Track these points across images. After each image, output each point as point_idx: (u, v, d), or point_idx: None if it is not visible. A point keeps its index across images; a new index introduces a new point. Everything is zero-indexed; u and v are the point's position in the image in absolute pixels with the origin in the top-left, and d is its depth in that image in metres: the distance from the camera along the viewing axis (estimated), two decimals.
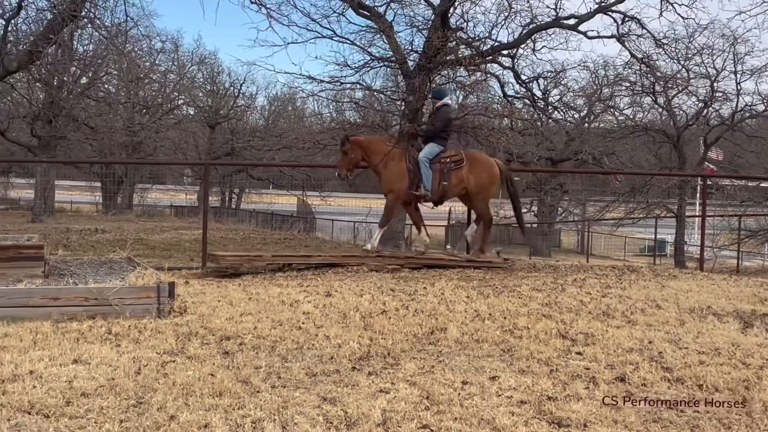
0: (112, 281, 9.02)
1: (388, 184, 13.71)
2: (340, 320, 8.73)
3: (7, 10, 15.64)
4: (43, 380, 6.07)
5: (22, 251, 9.38)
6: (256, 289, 10.77)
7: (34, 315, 8.20)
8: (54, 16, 14.95)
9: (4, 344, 7.16)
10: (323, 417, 5.39)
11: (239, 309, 9.18)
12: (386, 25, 25.90)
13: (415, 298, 10.28)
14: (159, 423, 5.18)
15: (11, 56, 14.93)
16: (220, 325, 8.25)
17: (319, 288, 10.98)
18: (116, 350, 7.09)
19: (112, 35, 17.81)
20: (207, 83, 51.01)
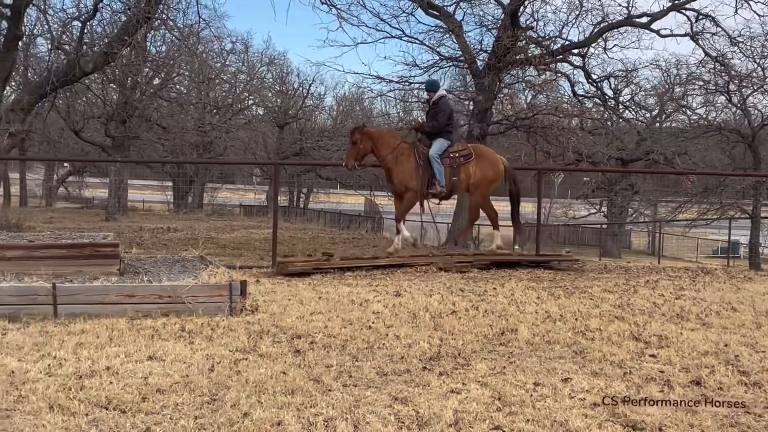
0: (185, 279, 9.14)
1: (403, 180, 13.47)
2: (410, 320, 8.73)
3: (83, 13, 15.96)
4: (119, 376, 6.18)
5: (99, 249, 9.55)
6: (326, 288, 10.82)
7: (110, 312, 8.35)
8: (128, 18, 15.21)
9: (82, 340, 7.31)
10: (395, 416, 5.40)
11: (309, 308, 9.24)
12: (455, 25, 25.85)
13: (485, 298, 10.24)
14: (233, 420, 5.23)
15: (87, 58, 15.21)
16: (291, 323, 8.32)
17: (388, 287, 10.99)
18: (190, 347, 7.18)
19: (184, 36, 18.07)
20: (276, 83, 51.38)
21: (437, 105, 13.71)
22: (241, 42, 46.57)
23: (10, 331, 7.67)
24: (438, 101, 13.76)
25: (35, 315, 8.20)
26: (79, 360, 6.62)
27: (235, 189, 58.60)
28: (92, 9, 15.55)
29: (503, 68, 25.62)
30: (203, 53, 26.78)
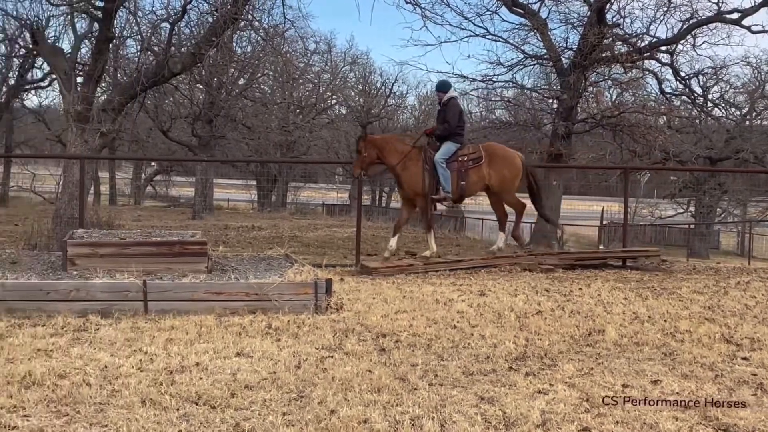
0: (271, 277, 9.25)
1: (413, 187, 13.12)
2: (495, 320, 8.70)
3: (172, 15, 16.24)
4: (208, 372, 6.28)
5: (187, 247, 9.72)
6: (410, 287, 10.84)
7: (198, 309, 8.50)
8: (216, 19, 15.44)
9: (172, 336, 7.45)
10: (481, 416, 5.38)
11: (394, 306, 9.27)
12: (540, 23, 25.65)
13: (571, 298, 10.15)
14: (320, 417, 5.28)
15: (175, 59, 15.48)
16: (376, 322, 8.36)
17: (472, 287, 10.96)
18: (276, 345, 7.27)
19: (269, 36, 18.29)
20: (359, 83, 51.64)
21: (446, 107, 13.24)
22: (324, 42, 46.89)
23: (102, 326, 7.86)
24: (447, 102, 13.29)
25: (126, 311, 8.39)
26: (170, 356, 6.75)
27: (318, 188, 59.02)
28: (181, 11, 15.81)
29: (589, 66, 25.33)
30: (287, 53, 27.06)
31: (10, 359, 6.51)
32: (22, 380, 5.91)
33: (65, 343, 7.12)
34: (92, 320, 8.04)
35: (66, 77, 15.86)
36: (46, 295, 8.42)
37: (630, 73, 26.98)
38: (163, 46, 16.27)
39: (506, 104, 32.22)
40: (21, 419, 5.12)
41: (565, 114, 25.73)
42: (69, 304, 8.36)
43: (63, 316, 8.09)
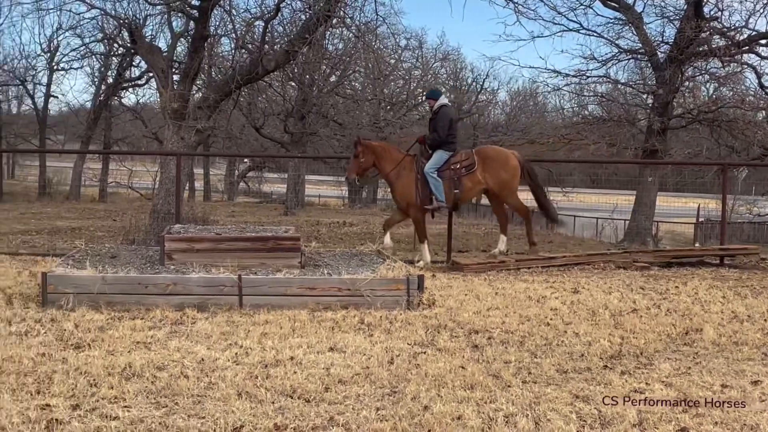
0: (363, 273, 9.30)
1: (406, 196, 12.92)
2: (589, 317, 8.61)
3: (266, 13, 16.41)
4: (302, 366, 6.35)
5: (281, 242, 9.83)
6: (502, 284, 10.79)
7: (292, 303, 8.61)
8: (309, 16, 15.57)
9: (266, 330, 7.56)
10: (576, 414, 5.34)
11: (486, 303, 9.24)
12: (635, 17, 25.20)
13: (667, 297, 9.98)
14: (413, 412, 5.29)
15: (269, 56, 15.65)
16: (468, 318, 8.34)
17: (565, 284, 10.87)
18: (369, 340, 7.31)
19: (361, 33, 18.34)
20: (450, 79, 51.48)
21: (437, 114, 12.92)
22: (415, 38, 46.83)
23: (198, 320, 8.01)
24: (438, 110, 12.95)
25: (222, 305, 8.55)
26: (264, 350, 6.85)
27: None
28: (274, 9, 15.96)
29: (685, 60, 24.78)
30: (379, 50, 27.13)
31: (111, 351, 6.68)
32: (123, 372, 6.07)
33: (163, 336, 7.28)
34: (189, 314, 8.22)
35: (163, 75, 16.18)
36: (145, 288, 8.63)
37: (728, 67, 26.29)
38: (257, 44, 16.45)
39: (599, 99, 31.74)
40: (122, 410, 5.25)
41: (661, 109, 25.21)
42: (166, 298, 8.56)
43: (161, 310, 8.28)
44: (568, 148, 29.49)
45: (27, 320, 7.84)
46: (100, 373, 6.00)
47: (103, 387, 5.68)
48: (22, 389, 5.62)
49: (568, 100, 36.67)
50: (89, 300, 8.48)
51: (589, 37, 26.95)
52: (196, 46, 16.38)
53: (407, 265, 10.04)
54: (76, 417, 5.11)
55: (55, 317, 7.95)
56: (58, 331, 7.35)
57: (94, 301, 8.47)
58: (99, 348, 6.77)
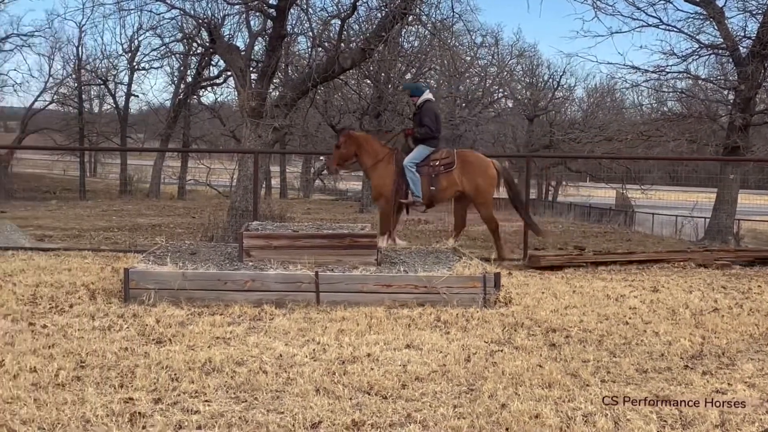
0: (439, 270, 9.28)
1: (380, 187, 12.65)
2: (669, 317, 8.48)
3: (342, 11, 16.50)
4: (379, 363, 6.38)
5: (357, 240, 9.86)
6: (580, 282, 10.70)
7: (368, 300, 8.65)
8: (385, 14, 15.60)
9: (343, 327, 7.60)
10: (656, 415, 5.27)
11: (563, 302, 9.17)
12: (716, 11, 24.72)
13: (749, 296, 9.79)
14: (490, 410, 5.28)
15: (345, 54, 15.72)
16: (545, 316, 8.29)
17: (644, 283, 10.73)
18: (446, 337, 7.31)
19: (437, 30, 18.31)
20: (526, 76, 51.15)
21: (422, 110, 12.62)
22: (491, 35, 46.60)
23: (276, 316, 8.10)
24: (422, 106, 12.65)
25: (299, 301, 8.62)
26: (341, 346, 6.89)
27: None
28: (351, 7, 16.04)
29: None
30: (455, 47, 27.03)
31: (191, 346, 6.79)
32: (203, 366, 6.17)
33: (242, 332, 7.37)
34: (267, 310, 8.31)
35: (241, 74, 16.36)
36: (224, 285, 8.75)
37: None
38: (334, 42, 16.55)
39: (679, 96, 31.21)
40: (203, 404, 5.33)
41: (743, 105, 24.71)
42: (245, 294, 8.67)
43: (239, 306, 8.39)
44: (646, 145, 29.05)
45: (110, 315, 8.01)
46: (181, 367, 6.10)
47: (184, 381, 5.78)
48: (105, 383, 5.74)
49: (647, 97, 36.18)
50: (170, 296, 8.63)
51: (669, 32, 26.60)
52: (273, 45, 16.54)
53: (483, 263, 9.99)
54: (158, 410, 5.21)
55: (137, 312, 8.11)
56: (140, 326, 7.50)
57: (174, 296, 8.62)
58: (180, 343, 6.89)
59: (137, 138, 56.73)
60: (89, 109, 52.58)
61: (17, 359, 6.23)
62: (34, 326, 7.47)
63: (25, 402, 5.28)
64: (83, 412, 5.10)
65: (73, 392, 5.52)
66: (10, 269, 10.70)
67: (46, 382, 5.72)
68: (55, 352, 6.48)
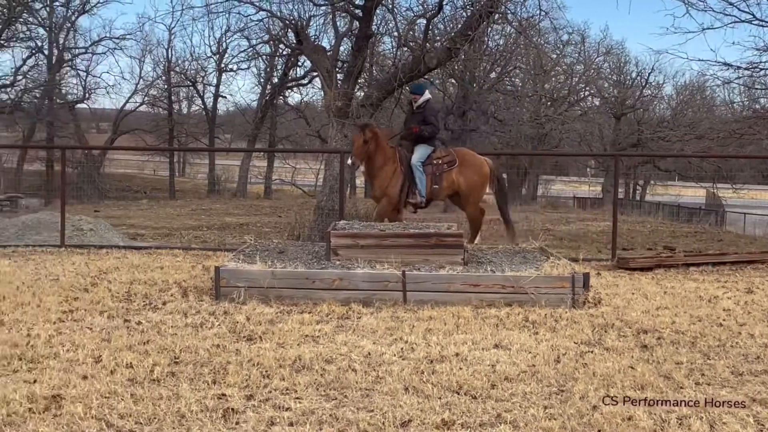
0: (527, 270, 9.21)
1: (383, 187, 12.17)
2: (765, 318, 8.30)
3: (428, 10, 16.53)
4: (467, 363, 6.36)
5: (443, 239, 9.84)
6: (671, 283, 10.52)
7: (455, 300, 8.63)
8: (471, 13, 15.57)
9: (430, 326, 7.60)
10: (753, 418, 5.15)
11: (654, 302, 9.02)
12: None
13: None
14: (582, 412, 5.22)
15: (431, 54, 15.74)
16: (636, 317, 8.16)
17: (738, 284, 10.51)
18: (534, 338, 7.25)
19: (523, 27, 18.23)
20: (613, 74, 50.45)
21: (424, 109, 12.30)
22: (577, 33, 46.08)
23: (364, 315, 8.13)
24: (424, 105, 12.34)
25: (386, 300, 8.65)
26: (429, 345, 6.89)
27: (569, 181, 58.25)
28: (437, 6, 16.06)
29: None
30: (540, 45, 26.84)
31: (281, 344, 6.86)
32: (293, 364, 6.23)
33: (330, 330, 7.42)
34: (354, 308, 8.35)
35: (327, 74, 16.51)
36: (312, 283, 8.82)
37: None
38: (419, 41, 16.57)
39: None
40: (293, 401, 5.39)
41: None
42: (333, 293, 8.73)
43: (327, 304, 8.44)
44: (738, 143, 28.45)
45: (201, 312, 8.15)
46: (271, 364, 6.17)
47: (275, 378, 5.85)
48: (199, 379, 5.84)
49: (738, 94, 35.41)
50: (259, 294, 8.74)
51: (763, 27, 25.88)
52: (359, 45, 16.64)
53: (571, 263, 9.88)
54: (251, 407, 5.28)
55: (228, 310, 8.23)
56: (231, 324, 7.61)
57: (263, 294, 8.72)
58: (270, 340, 6.97)
59: (224, 138, 57.56)
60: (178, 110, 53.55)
61: (114, 355, 6.37)
62: (130, 323, 7.65)
63: (122, 397, 5.40)
64: (178, 407, 5.20)
65: (168, 387, 5.63)
66: (105, 267, 10.97)
67: (141, 377, 5.85)
68: (150, 348, 6.61)
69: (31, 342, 6.80)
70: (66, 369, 6.02)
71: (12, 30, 40.22)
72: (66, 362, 6.20)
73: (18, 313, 7.98)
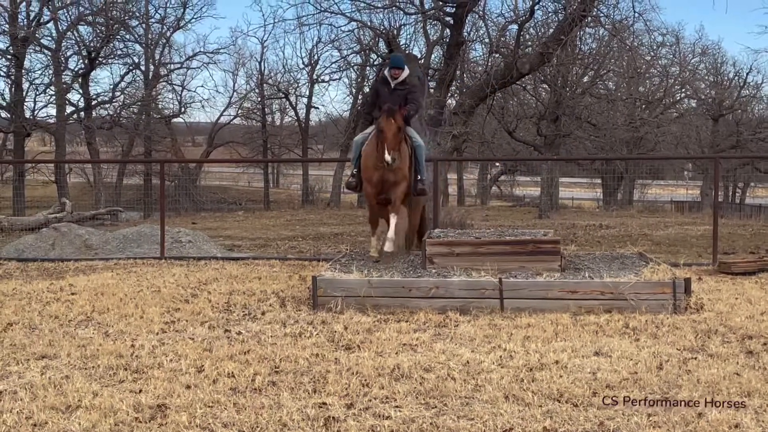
0: (626, 276, 9.09)
1: (402, 170, 10.64)
2: None
3: (520, 16, 16.47)
4: (567, 370, 6.31)
5: (540, 246, 9.77)
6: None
7: (552, 307, 8.57)
8: (563, 17, 15.45)
9: (528, 334, 7.56)
10: None
11: (759, 307, 8.82)
12: None
13: None
14: (687, 420, 5.14)
15: (523, 59, 15.67)
16: (740, 323, 7.99)
17: None
18: (635, 344, 7.16)
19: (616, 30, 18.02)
20: (710, 74, 49.40)
21: (408, 85, 11.15)
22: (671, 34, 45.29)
23: (461, 323, 8.13)
24: (407, 81, 11.16)
25: (483, 308, 8.63)
26: (528, 353, 6.85)
27: (666, 185, 57.21)
28: (529, 11, 16.00)
29: None
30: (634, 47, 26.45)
31: (379, 352, 6.91)
32: (392, 372, 6.26)
33: (428, 339, 7.44)
34: (451, 317, 8.36)
35: (419, 83, 16.55)
36: (408, 292, 8.86)
37: None
38: (511, 47, 16.51)
39: None
40: (393, 409, 5.42)
41: None
42: (429, 301, 8.75)
43: (424, 312, 8.47)
44: None
45: (300, 322, 8.25)
46: (370, 373, 6.21)
47: (374, 387, 5.89)
48: (299, 388, 5.92)
49: None
50: (356, 303, 8.81)
51: None
52: (451, 53, 16.66)
53: (672, 268, 9.71)
54: (351, 415, 5.32)
55: (326, 319, 8.31)
56: (329, 333, 7.69)
57: (360, 303, 8.79)
58: (368, 349, 7.02)
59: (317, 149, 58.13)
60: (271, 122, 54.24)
61: (215, 365, 6.50)
62: (230, 333, 7.79)
63: (225, 406, 5.51)
64: (280, 416, 5.27)
65: (269, 396, 5.72)
66: (205, 278, 11.18)
67: (243, 386, 5.95)
68: (250, 358, 6.72)
69: (136, 353, 6.99)
70: (170, 379, 6.16)
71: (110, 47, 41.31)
72: (170, 372, 6.34)
73: (122, 324, 8.20)
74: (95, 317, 8.59)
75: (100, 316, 8.60)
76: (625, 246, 12.31)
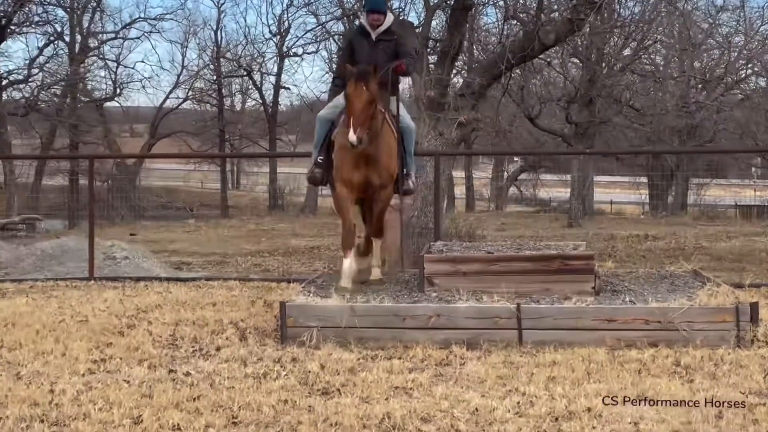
0: (677, 300, 9.09)
1: (389, 168, 10.27)
2: None
3: None
4: (602, 420, 6.31)
5: (569, 262, 9.76)
6: None
7: (584, 339, 8.56)
8: None
9: (554, 374, 7.56)
10: None
11: None
12: None
13: None
14: None
15: (547, 28, 15.65)
16: None
17: None
18: (689, 387, 7.16)
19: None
20: None
21: (396, 34, 10.52)
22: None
23: (469, 360, 8.13)
24: (391, 29, 10.40)
25: (497, 341, 8.62)
26: (553, 398, 6.85)
27: (728, 184, 57.41)
28: None
29: None
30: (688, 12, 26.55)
31: (365, 398, 6.90)
32: (381, 423, 6.25)
33: (426, 380, 7.43)
34: (456, 352, 8.35)
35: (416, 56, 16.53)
36: (402, 321, 8.85)
37: None
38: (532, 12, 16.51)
39: None
40: None
41: None
42: (428, 333, 8.74)
43: (422, 347, 8.47)
44: None
45: (264, 360, 8.24)
46: (353, 424, 6.21)
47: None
48: None
49: None
50: (336, 335, 8.79)
51: None
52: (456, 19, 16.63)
53: (734, 290, 9.72)
54: None
55: (297, 356, 8.31)
56: (302, 373, 7.68)
57: (341, 336, 8.78)
58: (350, 394, 7.01)
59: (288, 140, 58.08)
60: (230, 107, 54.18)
61: (157, 414, 6.48)
62: (176, 374, 7.77)
63: None
64: None
65: None
66: (145, 304, 11.16)
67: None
68: (201, 406, 6.71)
69: (55, 400, 6.96)
70: None
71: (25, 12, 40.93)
72: (99, 424, 6.32)
73: (38, 363, 8.17)
74: (4, 354, 8.56)
75: (11, 354, 8.57)
76: (677, 262, 12.29)
